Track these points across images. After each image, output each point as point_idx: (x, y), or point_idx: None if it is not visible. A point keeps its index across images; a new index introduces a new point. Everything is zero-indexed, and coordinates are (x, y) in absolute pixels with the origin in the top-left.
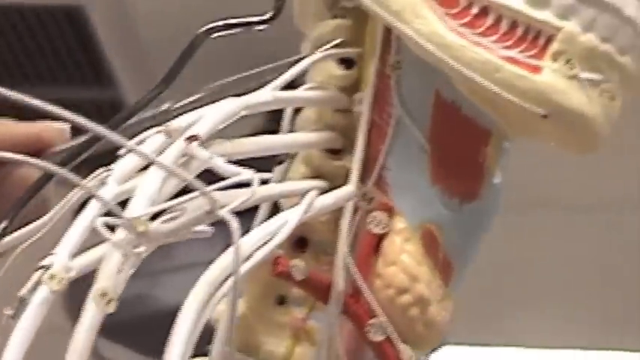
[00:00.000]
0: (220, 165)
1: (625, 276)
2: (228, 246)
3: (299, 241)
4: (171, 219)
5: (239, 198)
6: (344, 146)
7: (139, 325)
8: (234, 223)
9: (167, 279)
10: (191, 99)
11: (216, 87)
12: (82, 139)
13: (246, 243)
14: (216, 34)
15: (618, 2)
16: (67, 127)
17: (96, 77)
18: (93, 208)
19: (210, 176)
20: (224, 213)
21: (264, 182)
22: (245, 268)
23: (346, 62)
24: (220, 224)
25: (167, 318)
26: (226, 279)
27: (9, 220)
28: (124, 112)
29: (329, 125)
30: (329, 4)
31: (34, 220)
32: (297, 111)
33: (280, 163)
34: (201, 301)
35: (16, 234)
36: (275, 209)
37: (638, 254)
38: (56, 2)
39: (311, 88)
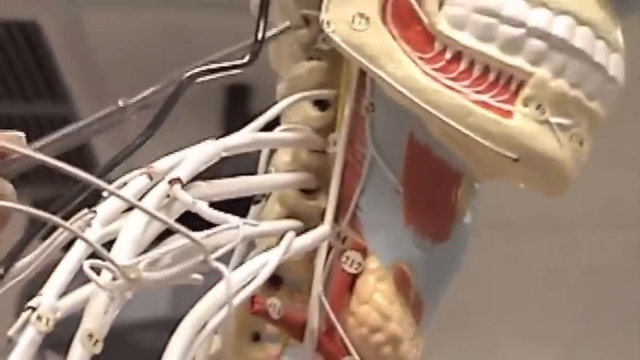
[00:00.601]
0: (205, 210)
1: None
2: None
3: (273, 280)
4: (154, 263)
5: (226, 244)
6: (318, 186)
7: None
8: (227, 273)
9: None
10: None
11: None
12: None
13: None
14: (199, 79)
15: (588, 49)
16: (21, 135)
17: (50, 93)
18: (79, 249)
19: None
20: (217, 264)
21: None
22: (234, 306)
23: (321, 104)
24: None
25: (125, 333)
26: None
27: (4, 269)
28: (111, 160)
29: (304, 166)
30: (305, 47)
31: None
32: (272, 151)
33: (257, 202)
34: (190, 333)
35: None
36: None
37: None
38: (10, 17)
39: (287, 130)
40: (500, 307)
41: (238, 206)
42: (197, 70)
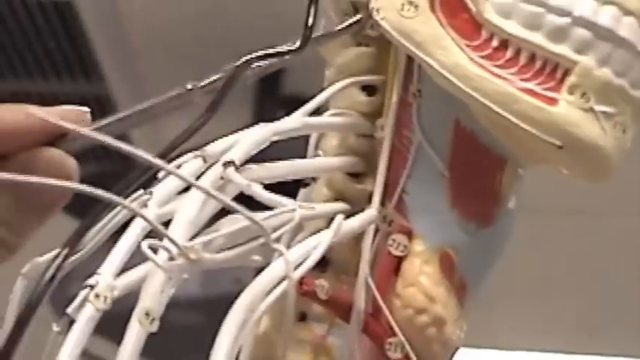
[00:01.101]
0: (260, 193)
1: (603, 281)
2: None
3: (321, 262)
4: (209, 244)
5: (282, 226)
6: (365, 170)
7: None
8: (288, 256)
9: None
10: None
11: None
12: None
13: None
14: (255, 64)
15: (633, 38)
16: (86, 110)
17: (84, 72)
18: (137, 228)
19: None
20: (278, 246)
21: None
22: (294, 281)
23: (369, 89)
24: None
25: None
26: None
27: (70, 249)
28: (171, 143)
29: (352, 150)
30: (353, 33)
31: None
32: (321, 135)
33: (306, 185)
34: (250, 305)
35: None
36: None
37: (617, 259)
38: None
39: (335, 114)
40: (524, 290)
41: (283, 190)
42: (253, 55)
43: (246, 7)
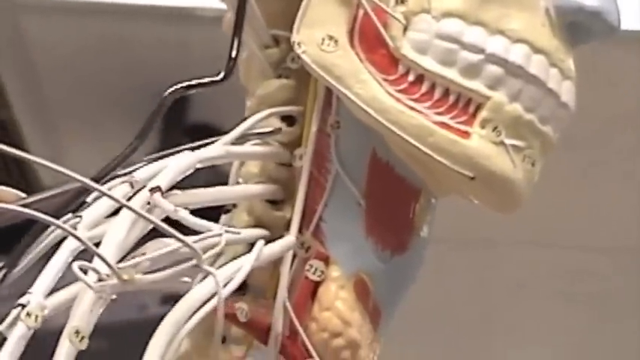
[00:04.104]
0: (188, 218)
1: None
2: None
3: (241, 286)
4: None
5: (210, 250)
6: (284, 198)
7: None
8: (218, 277)
9: None
10: None
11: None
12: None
13: (205, 288)
14: (179, 95)
15: (542, 75)
16: (21, 194)
17: None
18: (67, 249)
19: None
20: (208, 268)
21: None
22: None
23: (288, 120)
24: None
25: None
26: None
27: (7, 270)
28: (101, 170)
29: (271, 178)
30: (274, 65)
31: None
32: (240, 163)
33: (227, 211)
34: (177, 323)
35: None
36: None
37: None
38: None
39: (256, 144)
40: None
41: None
42: (179, 86)
43: (153, 35)
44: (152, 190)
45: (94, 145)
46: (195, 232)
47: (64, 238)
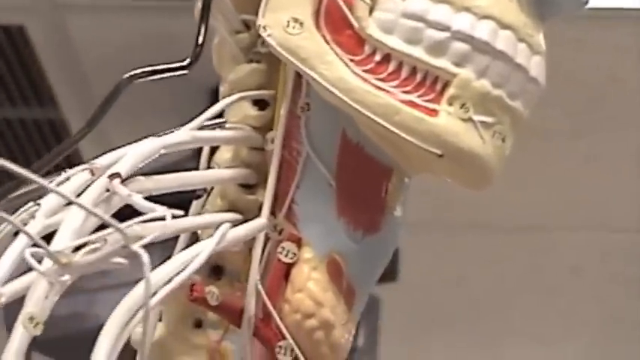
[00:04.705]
0: (137, 202)
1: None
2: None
3: (215, 269)
4: (92, 252)
5: (152, 233)
6: (257, 181)
7: (76, 341)
8: (145, 258)
9: (104, 297)
10: None
11: None
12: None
13: (160, 273)
14: (139, 80)
15: (510, 51)
16: None
17: (36, 97)
18: (22, 240)
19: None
20: (136, 248)
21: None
22: (154, 300)
23: (260, 103)
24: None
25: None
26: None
27: None
28: (48, 155)
29: (244, 162)
30: (245, 50)
31: None
32: (214, 149)
33: (198, 197)
34: (118, 328)
35: None
36: (196, 238)
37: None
38: None
39: (227, 128)
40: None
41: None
42: (139, 71)
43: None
44: (111, 177)
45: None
46: None
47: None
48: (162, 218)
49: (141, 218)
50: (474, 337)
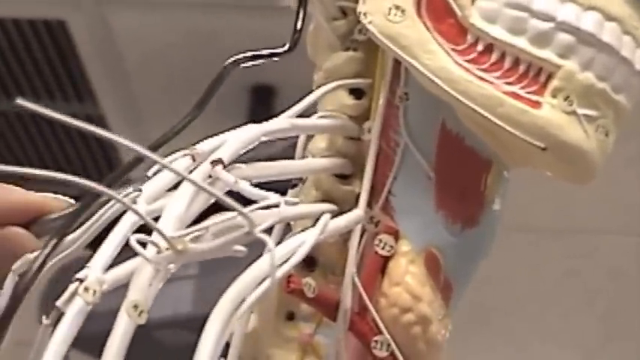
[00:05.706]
0: (246, 188)
1: (598, 298)
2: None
3: (309, 261)
4: (198, 237)
5: (268, 219)
6: (353, 172)
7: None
8: (272, 244)
9: None
10: None
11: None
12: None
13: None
14: (242, 65)
15: (615, 43)
16: (67, 201)
17: (76, 92)
18: (126, 223)
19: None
20: (262, 235)
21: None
22: (277, 278)
23: (356, 92)
24: None
25: (147, 332)
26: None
27: (56, 242)
28: (158, 140)
29: (339, 152)
30: (342, 37)
31: None
32: (309, 138)
33: (294, 186)
34: (231, 306)
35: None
36: None
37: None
38: (38, 16)
39: (323, 117)
40: (521, 308)
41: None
42: (241, 55)
43: (239, 26)
44: (214, 163)
45: (182, 139)
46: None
47: (123, 212)
48: (276, 205)
49: (258, 205)
50: (510, 337)
